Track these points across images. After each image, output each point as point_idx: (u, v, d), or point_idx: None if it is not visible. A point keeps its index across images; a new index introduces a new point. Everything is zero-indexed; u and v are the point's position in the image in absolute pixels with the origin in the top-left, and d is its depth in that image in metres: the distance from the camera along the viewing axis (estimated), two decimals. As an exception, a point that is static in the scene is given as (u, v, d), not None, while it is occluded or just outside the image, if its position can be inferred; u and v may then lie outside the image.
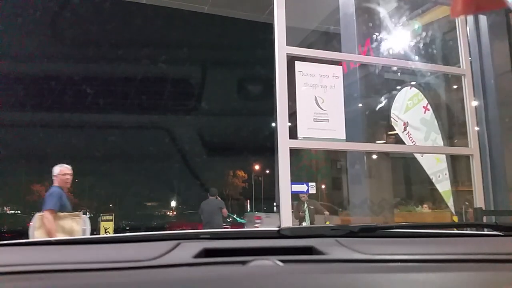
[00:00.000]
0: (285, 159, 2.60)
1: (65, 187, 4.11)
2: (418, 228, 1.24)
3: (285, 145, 2.62)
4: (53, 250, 1.00)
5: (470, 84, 3.33)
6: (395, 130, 5.47)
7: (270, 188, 29.21)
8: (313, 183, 9.14)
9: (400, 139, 5.20)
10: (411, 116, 5.14)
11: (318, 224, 7.46)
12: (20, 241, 1.04)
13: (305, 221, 7.73)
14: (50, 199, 3.88)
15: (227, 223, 12.66)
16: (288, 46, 2.79)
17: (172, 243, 0.91)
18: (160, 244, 0.91)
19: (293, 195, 2.75)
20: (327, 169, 15.24)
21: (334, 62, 3.02)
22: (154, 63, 30.69)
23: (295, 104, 2.79)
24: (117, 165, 37.42)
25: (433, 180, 4.92)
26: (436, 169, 4.86)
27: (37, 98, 27.07)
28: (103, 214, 10.92)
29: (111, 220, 10.46)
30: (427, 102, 4.90)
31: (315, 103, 2.84)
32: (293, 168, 2.62)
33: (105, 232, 9.93)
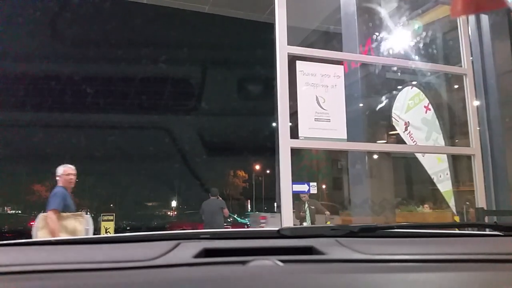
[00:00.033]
0: (286, 159, 2.59)
1: (69, 187, 4.10)
2: (418, 228, 1.24)
3: (286, 144, 2.61)
4: (53, 250, 0.99)
5: (471, 84, 3.32)
6: (396, 130, 5.46)
7: (271, 188, 29.25)
8: (315, 183, 9.13)
9: (401, 139, 5.19)
10: (412, 116, 5.13)
11: (319, 224, 7.46)
12: (20, 241, 1.03)
13: (306, 221, 7.73)
14: (54, 199, 3.88)
15: (228, 223, 12.67)
16: (289, 46, 2.79)
17: (172, 243, 0.91)
18: (160, 244, 0.91)
19: (293, 195, 2.74)
20: (328, 169, 15.24)
21: (335, 62, 3.01)
22: (154, 63, 30.73)
23: (296, 103, 2.78)
24: (118, 165, 37.47)
25: (434, 180, 4.91)
26: (437, 169, 4.85)
27: (37, 98, 27.10)
28: (104, 214, 10.92)
29: (112, 220, 10.47)
30: (428, 101, 4.89)
31: (316, 102, 2.83)
32: (294, 168, 2.61)
33: (106, 232, 9.94)
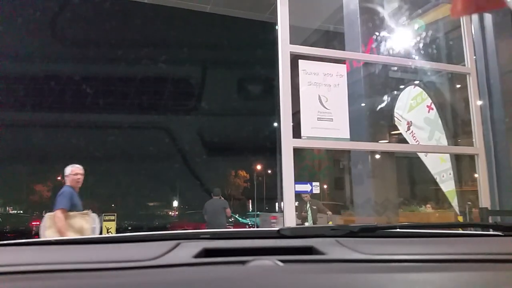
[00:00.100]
0: (288, 158, 2.58)
1: (76, 187, 4.14)
2: (418, 228, 1.25)
3: (288, 144, 2.59)
4: (53, 250, 1.00)
5: (475, 83, 3.29)
6: (398, 129, 5.44)
7: (272, 188, 29.25)
8: (317, 183, 9.11)
9: (404, 139, 5.17)
10: (415, 115, 5.11)
11: (320, 224, 7.44)
12: (20, 241, 1.04)
13: (307, 221, 7.71)
14: (61, 199, 3.92)
15: (230, 223, 12.67)
16: (291, 45, 2.77)
17: (172, 243, 0.91)
18: (160, 244, 0.92)
19: (295, 195, 2.72)
20: (329, 168, 15.21)
21: (338, 61, 2.99)
22: (155, 63, 30.76)
23: (298, 103, 2.76)
24: (119, 165, 37.55)
25: (437, 180, 4.89)
26: (440, 169, 4.83)
27: (38, 98, 27.14)
28: (105, 214, 10.89)
29: (113, 220, 10.46)
30: (431, 101, 4.87)
31: (318, 102, 2.81)
32: (295, 168, 2.60)
33: (107, 232, 9.93)
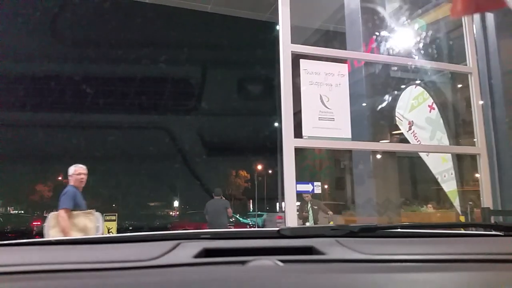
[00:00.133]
0: (290, 158, 2.57)
1: (80, 186, 4.19)
2: (418, 228, 1.25)
3: (290, 144, 2.58)
4: (53, 250, 1.00)
5: (477, 82, 3.28)
6: (400, 129, 5.43)
7: (273, 188, 29.24)
8: (319, 183, 9.11)
9: (405, 138, 5.16)
10: (416, 115, 5.10)
11: (321, 224, 7.43)
12: (20, 241, 1.04)
13: (308, 221, 7.71)
14: (64, 198, 3.96)
15: (231, 223, 12.67)
16: (292, 44, 2.76)
17: (172, 243, 0.91)
18: (160, 244, 0.92)
19: (296, 195, 2.71)
20: (331, 168, 15.19)
21: (339, 60, 2.98)
22: (155, 63, 30.74)
23: (299, 103, 2.75)
24: (120, 165, 37.59)
25: (439, 180, 4.88)
26: (441, 168, 4.82)
27: (39, 98, 27.17)
28: (106, 214, 10.90)
29: (114, 220, 10.47)
30: (432, 101, 4.86)
31: (320, 101, 2.80)
32: (296, 168, 2.58)
33: (108, 232, 9.93)
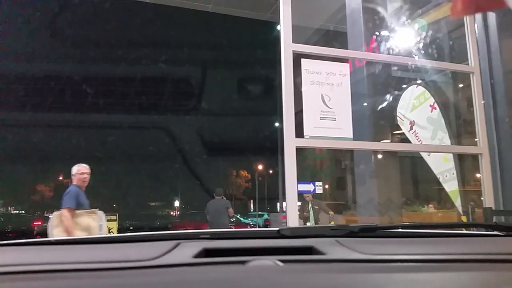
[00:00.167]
0: (291, 158, 2.56)
1: (83, 186, 4.21)
2: (418, 228, 1.25)
3: (291, 144, 2.57)
4: (53, 250, 1.00)
5: (478, 82, 3.26)
6: (401, 129, 5.41)
7: (273, 188, 29.24)
8: (320, 183, 9.11)
9: (406, 138, 5.14)
10: (418, 115, 5.09)
11: (322, 224, 7.42)
12: (20, 241, 1.04)
13: (309, 221, 7.70)
14: (67, 198, 3.99)
15: (231, 223, 12.68)
16: (294, 44, 2.75)
17: (172, 243, 0.91)
18: (160, 244, 0.92)
19: (297, 195, 2.70)
20: (331, 168, 15.17)
21: (340, 60, 2.97)
22: (156, 62, 30.74)
23: (300, 102, 2.74)
24: (121, 165, 37.60)
25: (440, 180, 4.86)
26: (443, 168, 4.80)
27: (39, 98, 27.20)
28: (107, 214, 10.88)
29: (115, 220, 10.47)
30: (433, 100, 4.84)
31: (321, 101, 2.79)
32: (297, 168, 2.57)
33: (109, 232, 9.93)
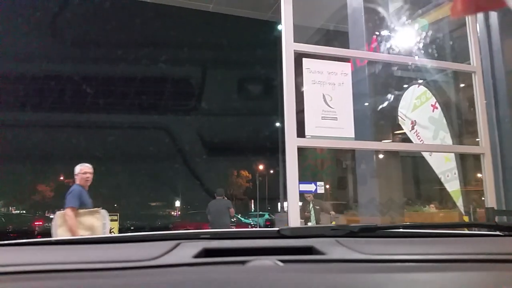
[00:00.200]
0: (293, 158, 2.55)
1: (86, 185, 4.24)
2: (418, 228, 1.26)
3: (293, 143, 2.56)
4: (53, 250, 1.00)
5: (480, 81, 3.25)
6: (402, 129, 5.40)
7: (274, 188, 29.24)
8: (322, 183, 9.10)
9: (408, 138, 5.13)
10: (419, 114, 5.08)
11: (324, 224, 7.42)
12: (20, 241, 1.04)
13: (310, 221, 7.68)
14: (70, 197, 4.02)
15: (232, 223, 12.69)
16: (295, 43, 2.74)
17: (172, 243, 0.91)
18: (160, 244, 0.92)
19: (298, 195, 2.69)
20: (333, 168, 15.16)
21: (342, 59, 2.96)
22: (156, 62, 30.72)
23: (302, 102, 2.73)
24: (121, 165, 37.60)
25: (442, 180, 4.85)
26: (444, 168, 4.79)
27: (40, 98, 27.22)
28: (108, 214, 10.92)
29: (116, 220, 10.49)
30: (435, 100, 4.84)
31: (323, 100, 2.78)
32: (298, 168, 2.56)
33: (110, 231, 9.93)
